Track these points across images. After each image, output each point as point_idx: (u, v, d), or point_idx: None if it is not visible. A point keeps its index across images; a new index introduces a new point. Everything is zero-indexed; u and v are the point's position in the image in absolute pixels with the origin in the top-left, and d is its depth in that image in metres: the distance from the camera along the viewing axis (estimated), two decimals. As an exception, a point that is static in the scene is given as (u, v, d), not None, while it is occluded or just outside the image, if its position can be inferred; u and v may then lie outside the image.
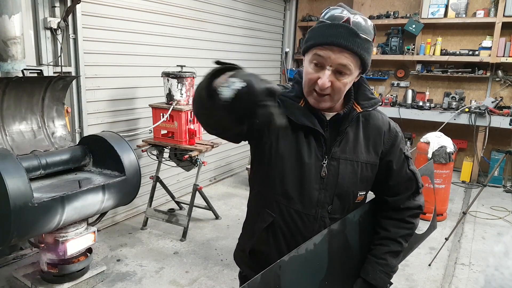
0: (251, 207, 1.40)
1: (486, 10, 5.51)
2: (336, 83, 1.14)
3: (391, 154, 1.29)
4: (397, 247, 1.33)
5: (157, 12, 4.02)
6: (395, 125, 1.34)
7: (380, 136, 1.28)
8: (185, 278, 3.07)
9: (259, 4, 5.65)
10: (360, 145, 1.26)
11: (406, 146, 1.37)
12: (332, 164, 1.23)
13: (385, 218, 1.36)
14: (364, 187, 1.29)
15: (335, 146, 1.24)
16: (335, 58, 1.11)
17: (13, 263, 3.10)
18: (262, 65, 6.05)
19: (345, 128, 1.24)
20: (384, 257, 1.32)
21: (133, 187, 2.84)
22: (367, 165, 1.26)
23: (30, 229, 2.26)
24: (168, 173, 4.28)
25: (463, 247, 3.69)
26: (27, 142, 2.78)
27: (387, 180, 1.32)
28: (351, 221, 1.30)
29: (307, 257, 1.18)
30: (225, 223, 4.08)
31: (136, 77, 3.93)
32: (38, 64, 3.08)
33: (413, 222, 1.36)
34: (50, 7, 3.11)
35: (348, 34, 1.10)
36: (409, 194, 1.33)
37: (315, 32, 1.16)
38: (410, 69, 6.33)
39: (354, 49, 1.10)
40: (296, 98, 1.25)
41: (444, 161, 4.12)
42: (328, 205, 1.25)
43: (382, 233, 1.35)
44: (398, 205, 1.33)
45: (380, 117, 1.32)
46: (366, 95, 1.27)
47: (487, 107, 5.35)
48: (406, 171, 1.32)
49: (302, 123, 1.22)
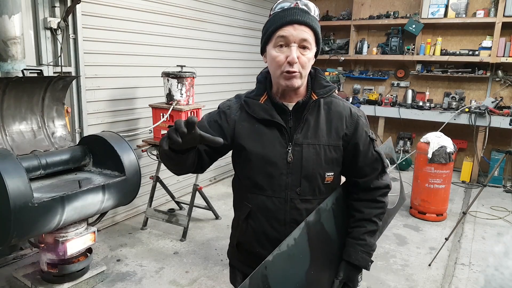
0: (235, 206, 1.54)
1: (486, 10, 5.51)
2: (301, 58, 1.27)
3: (356, 137, 1.38)
4: (373, 226, 1.41)
5: (157, 12, 4.02)
6: (357, 109, 1.43)
7: (342, 121, 1.37)
8: (185, 278, 3.07)
9: (259, 4, 5.65)
10: (321, 130, 1.35)
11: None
12: (296, 149, 1.33)
13: (357, 200, 1.44)
14: (330, 168, 1.37)
15: (297, 133, 1.34)
16: (297, 34, 1.25)
17: (13, 263, 3.10)
18: (262, 65, 6.02)
19: (304, 115, 1.34)
20: (363, 238, 1.40)
21: (133, 187, 2.84)
22: (329, 147, 1.35)
23: (30, 229, 2.26)
24: (168, 173, 4.27)
25: (463, 247, 3.69)
26: (27, 142, 2.78)
27: (355, 162, 1.40)
28: (324, 210, 1.37)
29: (290, 252, 1.25)
30: (225, 223, 4.08)
31: (136, 77, 3.93)
32: (38, 64, 3.08)
33: (384, 201, 1.44)
34: (50, 7, 3.11)
35: (301, 12, 1.26)
36: (376, 174, 1.41)
37: (272, 21, 1.30)
38: (410, 69, 6.33)
39: (309, 23, 1.26)
40: (257, 96, 1.39)
41: (444, 161, 4.12)
42: (296, 187, 1.34)
43: (357, 215, 1.42)
44: (368, 186, 1.41)
45: (341, 104, 1.41)
46: (321, 84, 1.38)
47: (487, 107, 5.35)
48: (372, 152, 1.40)
49: (262, 117, 1.34)
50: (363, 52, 6.39)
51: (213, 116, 1.41)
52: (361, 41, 6.44)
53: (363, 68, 6.83)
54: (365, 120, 1.43)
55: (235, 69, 5.39)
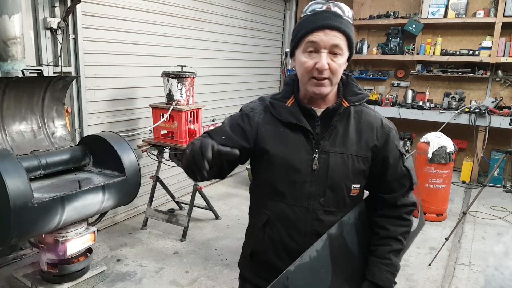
0: (251, 213, 1.44)
1: (486, 10, 5.51)
2: (332, 65, 1.20)
3: (386, 149, 1.32)
4: (398, 245, 1.34)
5: (157, 12, 4.02)
6: (388, 122, 1.37)
7: (372, 131, 1.31)
8: (185, 278, 3.07)
9: (259, 4, 5.65)
10: (350, 139, 1.28)
11: (403, 145, 1.40)
12: (322, 157, 1.27)
13: (382, 217, 1.37)
14: (357, 180, 1.30)
15: (325, 139, 1.28)
16: (328, 39, 1.18)
17: (13, 263, 3.10)
18: (262, 65, 6.06)
19: (333, 122, 1.28)
20: (388, 257, 1.32)
21: (133, 187, 2.84)
22: (358, 157, 1.28)
23: (30, 229, 2.26)
24: (168, 173, 4.28)
25: (463, 247, 3.69)
26: (27, 142, 2.78)
27: (383, 176, 1.33)
28: (347, 224, 1.30)
29: (312, 265, 1.17)
30: (225, 223, 4.08)
31: (136, 77, 3.93)
32: (38, 64, 3.08)
33: (409, 219, 1.37)
34: (50, 7, 3.11)
35: (333, 16, 1.19)
36: (404, 191, 1.35)
37: (302, 24, 1.23)
38: (410, 69, 6.33)
39: (342, 28, 1.19)
40: (283, 98, 1.33)
41: (444, 161, 4.12)
42: (320, 197, 1.27)
43: (382, 233, 1.35)
44: (394, 202, 1.34)
45: (372, 114, 1.35)
46: (354, 91, 1.32)
47: (487, 107, 5.35)
48: (401, 167, 1.34)
49: (288, 120, 1.28)
50: (363, 52, 6.39)
51: (236, 119, 1.35)
52: (361, 41, 6.44)
53: (363, 68, 6.83)
54: (396, 133, 1.37)
55: (235, 69, 5.39)
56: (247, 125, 1.32)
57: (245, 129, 1.32)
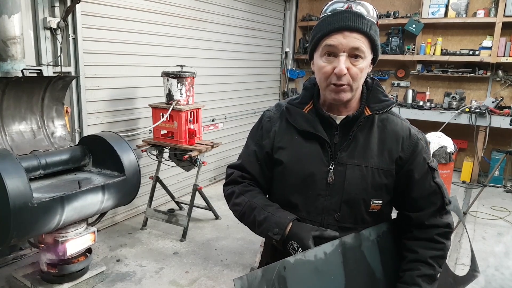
0: None
1: (486, 10, 5.50)
2: (352, 69, 1.11)
3: (412, 162, 1.20)
4: (428, 270, 1.19)
5: (157, 12, 4.02)
6: (418, 132, 1.26)
7: (398, 142, 1.20)
8: (185, 278, 3.06)
9: (259, 4, 5.65)
10: (371, 150, 1.19)
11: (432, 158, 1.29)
12: (339, 169, 1.18)
13: (410, 239, 1.24)
14: (378, 195, 1.20)
15: (342, 150, 1.19)
16: (347, 42, 1.10)
17: (13, 263, 3.10)
18: (262, 65, 6.05)
19: (352, 132, 1.19)
20: (417, 282, 1.18)
21: (133, 187, 2.84)
22: (379, 170, 1.19)
23: (29, 229, 2.25)
24: (168, 173, 4.27)
25: (463, 247, 3.69)
26: (27, 142, 2.78)
27: (408, 192, 1.22)
28: (366, 238, 1.21)
29: (318, 266, 1.11)
30: (225, 223, 4.08)
31: (136, 77, 3.92)
32: (38, 64, 3.08)
33: (443, 242, 1.22)
34: (50, 7, 3.11)
35: (354, 16, 1.11)
36: (434, 210, 1.21)
37: (320, 26, 1.15)
38: (410, 69, 6.33)
39: (363, 29, 1.10)
40: (300, 104, 1.25)
41: (445, 161, 4.11)
42: (335, 213, 1.19)
43: (410, 256, 1.22)
44: (422, 222, 1.22)
45: (399, 122, 1.24)
46: (378, 97, 1.22)
47: (487, 107, 5.34)
48: (430, 183, 1.21)
49: (303, 128, 1.21)
50: (363, 52, 6.38)
51: (256, 137, 1.31)
52: (361, 41, 6.44)
53: (363, 68, 6.82)
54: (426, 144, 1.25)
55: (235, 69, 5.38)
56: (266, 138, 1.28)
57: (265, 147, 1.28)
